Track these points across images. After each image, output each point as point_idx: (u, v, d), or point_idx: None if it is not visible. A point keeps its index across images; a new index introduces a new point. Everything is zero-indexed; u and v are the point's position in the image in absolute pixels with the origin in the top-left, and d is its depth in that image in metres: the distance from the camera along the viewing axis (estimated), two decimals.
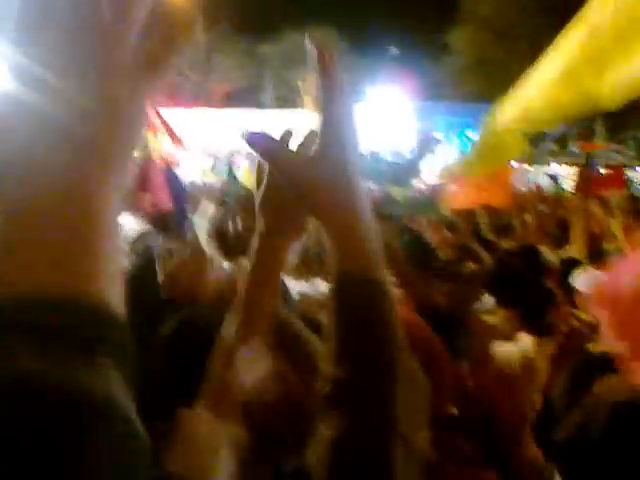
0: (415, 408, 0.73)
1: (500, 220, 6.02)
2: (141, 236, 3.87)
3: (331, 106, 0.75)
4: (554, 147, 17.58)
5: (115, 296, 0.41)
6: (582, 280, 3.34)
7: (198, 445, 0.95)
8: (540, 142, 18.01)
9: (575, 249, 4.60)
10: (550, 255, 4.24)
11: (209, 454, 0.95)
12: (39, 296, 0.37)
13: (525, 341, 2.51)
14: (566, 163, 15.93)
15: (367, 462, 0.68)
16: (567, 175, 13.79)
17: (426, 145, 16.45)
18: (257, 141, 0.76)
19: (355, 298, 0.73)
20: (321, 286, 2.69)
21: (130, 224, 4.34)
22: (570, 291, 3.20)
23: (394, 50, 20.82)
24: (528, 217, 5.63)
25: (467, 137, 17.47)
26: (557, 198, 7.25)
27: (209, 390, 0.97)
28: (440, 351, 1.54)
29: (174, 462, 0.93)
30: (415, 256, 2.90)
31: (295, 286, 2.83)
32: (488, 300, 3.06)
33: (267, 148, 0.77)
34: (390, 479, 0.66)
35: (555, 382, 1.95)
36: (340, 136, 0.76)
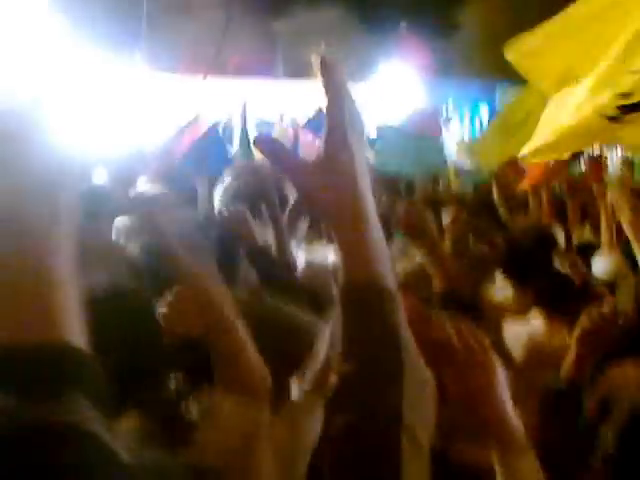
0: (423, 407, 0.74)
1: (515, 199, 6.03)
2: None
3: (335, 112, 0.76)
4: None
5: (77, 336, 0.46)
6: (600, 265, 3.42)
7: (224, 428, 1.02)
8: None
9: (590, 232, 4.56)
10: (561, 236, 4.29)
11: (235, 435, 1.01)
12: (5, 345, 0.41)
13: (535, 322, 2.51)
14: None
15: (373, 457, 0.68)
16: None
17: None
18: (266, 145, 0.77)
19: (362, 304, 0.74)
20: (329, 254, 2.74)
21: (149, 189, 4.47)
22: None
23: (404, 25, 20.53)
24: (544, 196, 5.59)
25: (479, 113, 17.37)
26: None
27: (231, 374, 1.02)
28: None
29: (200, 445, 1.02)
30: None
31: (303, 255, 2.94)
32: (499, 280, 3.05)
33: (275, 152, 0.78)
34: (396, 474, 0.67)
35: (583, 365, 1.98)
36: (346, 142, 0.76)
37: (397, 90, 16.58)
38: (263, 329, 1.38)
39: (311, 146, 7.39)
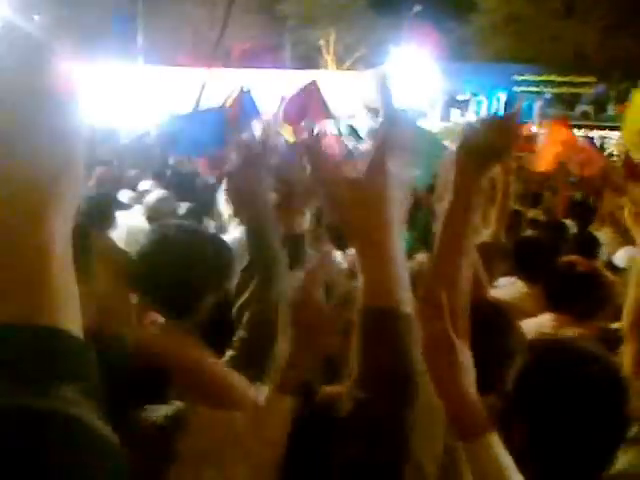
0: (431, 436, 0.80)
1: (529, 189, 5.98)
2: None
3: (384, 134, 0.78)
4: (589, 109, 16.73)
5: (71, 322, 0.44)
6: (622, 257, 3.50)
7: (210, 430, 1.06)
8: (576, 104, 17.22)
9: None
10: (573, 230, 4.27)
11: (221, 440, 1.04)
12: None
13: (544, 318, 2.45)
14: (602, 127, 15.14)
15: None
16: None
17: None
18: (312, 151, 0.81)
19: (380, 330, 0.76)
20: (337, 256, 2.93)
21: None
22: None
23: (419, 8, 19.96)
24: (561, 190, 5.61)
25: (496, 98, 16.96)
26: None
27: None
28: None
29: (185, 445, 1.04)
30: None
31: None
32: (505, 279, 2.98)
33: (319, 160, 0.81)
34: None
35: None
36: (385, 166, 0.77)
37: (412, 75, 15.98)
38: None
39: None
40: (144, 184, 4.54)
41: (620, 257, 3.61)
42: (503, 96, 17.07)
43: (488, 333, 1.24)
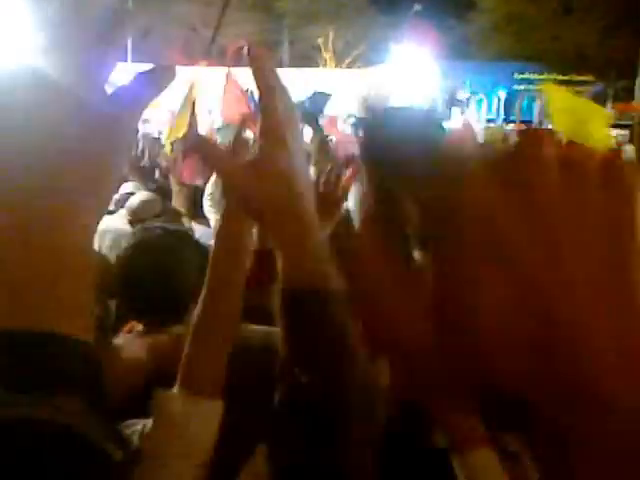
0: (371, 416, 0.74)
1: None
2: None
3: (270, 107, 0.72)
4: None
5: (81, 329, 0.43)
6: None
7: (173, 423, 1.01)
8: None
9: None
10: None
11: (184, 432, 1.00)
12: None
13: None
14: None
15: (319, 469, 0.70)
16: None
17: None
18: (199, 146, 0.75)
19: (303, 311, 0.73)
20: None
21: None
22: None
23: (419, 6, 19.89)
24: None
25: (497, 96, 16.93)
26: None
27: (185, 370, 1.02)
28: None
29: (149, 439, 1.02)
30: None
31: None
32: None
33: (209, 154, 0.75)
34: None
35: None
36: (282, 140, 0.72)
37: (411, 73, 15.90)
38: None
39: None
40: (127, 186, 4.42)
41: None
42: (503, 94, 17.06)
43: None
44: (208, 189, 4.24)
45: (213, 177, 4.20)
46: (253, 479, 1.03)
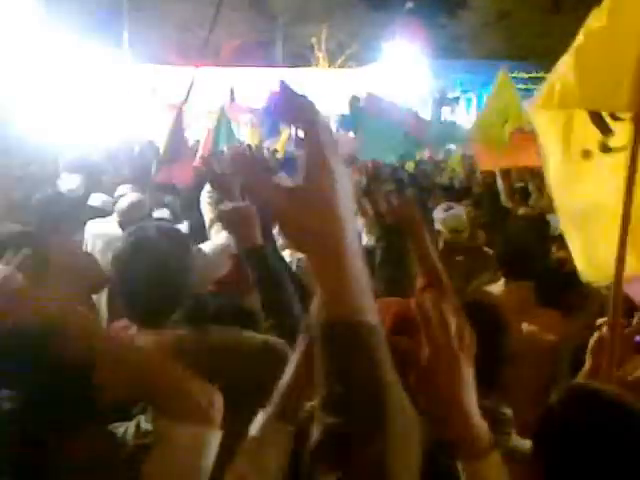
0: (408, 452, 0.73)
1: (512, 186, 5.87)
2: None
3: (313, 133, 0.72)
4: None
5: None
6: None
7: (175, 452, 1.05)
8: None
9: None
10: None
11: (186, 461, 1.04)
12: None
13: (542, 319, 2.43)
14: None
15: None
16: None
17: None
18: (241, 161, 0.72)
19: (343, 342, 0.71)
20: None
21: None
22: None
23: (410, 5, 20.01)
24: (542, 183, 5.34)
25: (486, 95, 16.97)
26: None
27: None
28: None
29: (151, 464, 1.05)
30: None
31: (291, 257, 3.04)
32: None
33: (250, 175, 0.72)
34: None
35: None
36: (328, 166, 0.71)
37: (402, 71, 16.01)
38: (216, 359, 1.52)
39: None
40: (121, 189, 4.41)
41: None
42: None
43: (486, 333, 1.18)
44: (208, 187, 4.17)
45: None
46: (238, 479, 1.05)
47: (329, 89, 11.87)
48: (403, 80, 15.72)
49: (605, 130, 2.02)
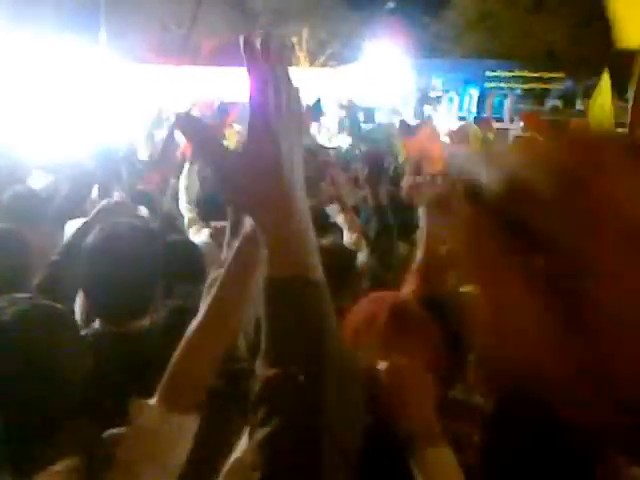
0: (346, 398, 0.73)
1: None
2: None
3: (259, 97, 0.73)
4: (559, 104, 16.95)
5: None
6: None
7: (147, 434, 1.01)
8: (545, 98, 17.43)
9: None
10: None
11: (158, 444, 1.01)
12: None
13: None
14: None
15: (297, 463, 0.69)
16: None
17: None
18: (188, 124, 0.74)
19: (286, 298, 0.73)
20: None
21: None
22: None
23: (391, 4, 20.02)
24: None
25: (469, 95, 17.03)
26: None
27: (166, 384, 1.03)
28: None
29: (123, 446, 1.03)
30: None
31: None
32: None
33: (198, 133, 0.75)
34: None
35: None
36: (271, 130, 0.72)
37: (384, 71, 15.98)
38: None
39: None
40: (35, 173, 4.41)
41: None
42: (475, 92, 17.15)
43: (447, 324, 1.20)
44: (182, 181, 4.15)
45: (185, 169, 4.12)
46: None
47: (310, 88, 11.81)
48: (385, 79, 15.70)
49: None
